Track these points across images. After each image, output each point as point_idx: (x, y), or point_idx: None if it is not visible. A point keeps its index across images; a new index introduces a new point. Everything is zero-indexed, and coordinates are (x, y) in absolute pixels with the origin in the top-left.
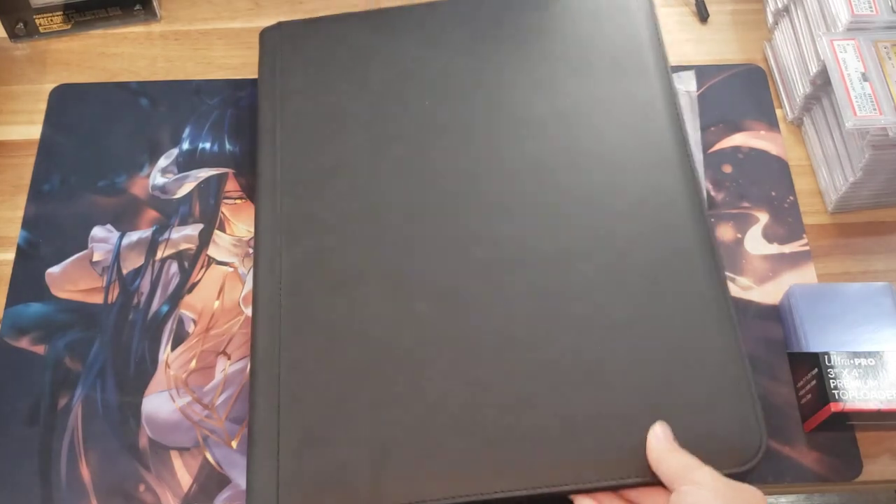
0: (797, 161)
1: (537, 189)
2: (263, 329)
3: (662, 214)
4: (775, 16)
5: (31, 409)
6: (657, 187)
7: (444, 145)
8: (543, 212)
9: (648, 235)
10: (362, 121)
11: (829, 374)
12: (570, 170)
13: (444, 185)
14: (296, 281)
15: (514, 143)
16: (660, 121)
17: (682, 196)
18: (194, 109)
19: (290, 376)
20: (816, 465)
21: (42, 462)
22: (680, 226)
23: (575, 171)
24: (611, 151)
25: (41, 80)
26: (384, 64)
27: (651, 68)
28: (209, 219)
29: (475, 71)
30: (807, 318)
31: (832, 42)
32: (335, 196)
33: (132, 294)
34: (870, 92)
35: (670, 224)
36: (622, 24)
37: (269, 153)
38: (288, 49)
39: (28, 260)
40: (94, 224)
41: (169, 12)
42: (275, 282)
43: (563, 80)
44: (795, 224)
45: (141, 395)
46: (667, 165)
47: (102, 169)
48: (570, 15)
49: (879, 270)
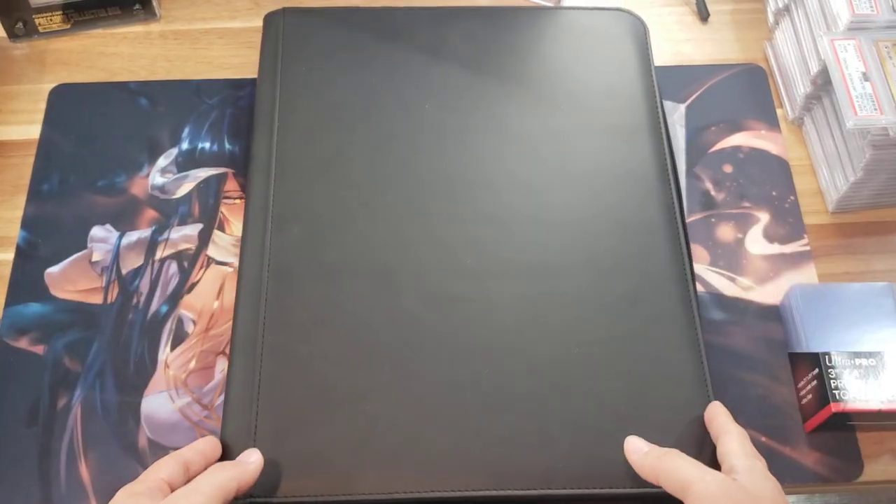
0: (798, 161)
1: (525, 203)
2: (246, 310)
3: (641, 238)
4: (776, 15)
5: (30, 409)
6: (638, 211)
7: (440, 151)
8: (530, 225)
9: (627, 257)
10: (361, 117)
11: (830, 375)
12: (558, 188)
13: (436, 189)
14: (283, 265)
15: (507, 157)
16: (644, 149)
17: (661, 222)
18: (193, 109)
19: (271, 360)
20: (817, 465)
21: (41, 462)
22: (657, 249)
23: (562, 190)
24: (597, 174)
25: (40, 79)
26: (387, 63)
27: (640, 96)
28: (208, 219)
29: (476, 83)
30: (807, 319)
31: (833, 42)
32: (329, 187)
33: (131, 294)
34: (870, 91)
35: (648, 247)
36: (617, 48)
37: (266, 135)
38: (291, 36)
39: (27, 260)
40: (94, 224)
41: (168, 12)
42: (261, 264)
43: (557, 101)
44: (796, 224)
45: (140, 396)
46: (648, 192)
47: (102, 169)
48: (569, 37)
49: (880, 270)
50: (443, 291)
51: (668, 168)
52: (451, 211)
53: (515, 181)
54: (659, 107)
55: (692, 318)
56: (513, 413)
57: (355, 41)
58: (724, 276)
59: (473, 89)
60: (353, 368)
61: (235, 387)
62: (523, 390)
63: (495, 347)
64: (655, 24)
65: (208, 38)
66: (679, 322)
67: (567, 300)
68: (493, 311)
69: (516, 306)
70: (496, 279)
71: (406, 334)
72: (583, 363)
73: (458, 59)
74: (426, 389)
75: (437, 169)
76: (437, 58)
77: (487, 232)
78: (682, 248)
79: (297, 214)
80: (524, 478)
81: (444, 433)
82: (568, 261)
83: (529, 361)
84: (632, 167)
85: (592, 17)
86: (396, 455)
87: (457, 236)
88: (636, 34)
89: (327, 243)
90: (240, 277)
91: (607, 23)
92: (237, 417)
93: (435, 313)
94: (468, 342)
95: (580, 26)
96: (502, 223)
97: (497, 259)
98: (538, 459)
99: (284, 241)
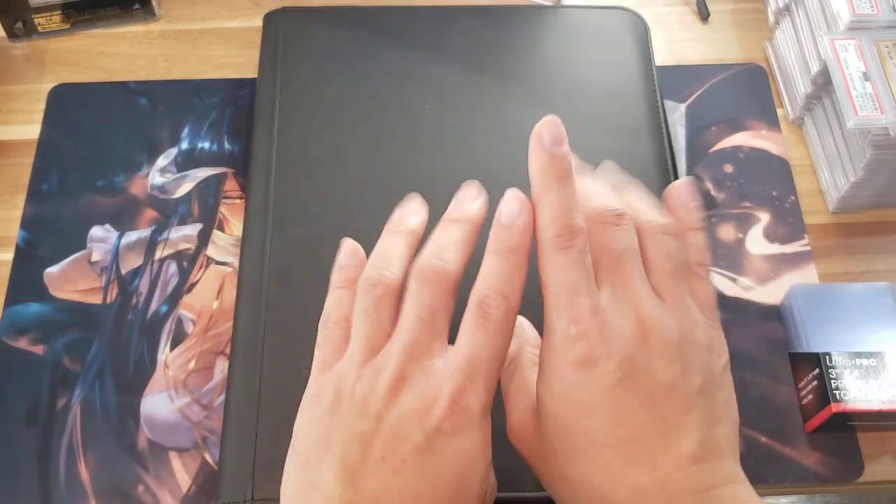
0: (798, 161)
1: None
2: (246, 311)
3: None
4: (776, 15)
5: (29, 409)
6: None
7: (440, 151)
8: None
9: None
10: (361, 116)
11: (831, 375)
12: None
13: (436, 189)
14: (283, 267)
15: (507, 157)
16: (644, 149)
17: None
18: (193, 109)
19: (272, 362)
20: (817, 465)
21: (40, 462)
22: None
23: None
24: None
25: (40, 79)
26: (387, 63)
27: (640, 95)
28: (208, 219)
29: (476, 82)
30: (808, 319)
31: (833, 41)
32: (329, 187)
33: (131, 294)
34: (871, 91)
35: None
36: (618, 47)
37: (266, 135)
38: (292, 35)
39: (26, 260)
40: (93, 224)
41: (168, 11)
42: (261, 267)
43: (557, 101)
44: (797, 224)
45: (140, 396)
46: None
47: (101, 169)
48: (570, 36)
49: (881, 270)
50: None
51: (669, 168)
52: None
53: (515, 181)
54: (660, 106)
55: None
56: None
57: (355, 40)
58: (725, 276)
59: (473, 88)
60: None
61: (236, 388)
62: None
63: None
64: (655, 24)
65: (208, 37)
66: None
67: None
68: None
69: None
70: None
71: None
72: None
73: (458, 58)
74: None
75: (437, 168)
76: (437, 57)
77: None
78: None
79: (297, 214)
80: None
81: None
82: None
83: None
84: (632, 166)
85: (593, 16)
86: None
87: None
88: (637, 33)
89: (327, 243)
90: (240, 278)
91: (608, 21)
92: (238, 419)
93: None
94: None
95: (580, 25)
96: None
97: None
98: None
99: (284, 241)
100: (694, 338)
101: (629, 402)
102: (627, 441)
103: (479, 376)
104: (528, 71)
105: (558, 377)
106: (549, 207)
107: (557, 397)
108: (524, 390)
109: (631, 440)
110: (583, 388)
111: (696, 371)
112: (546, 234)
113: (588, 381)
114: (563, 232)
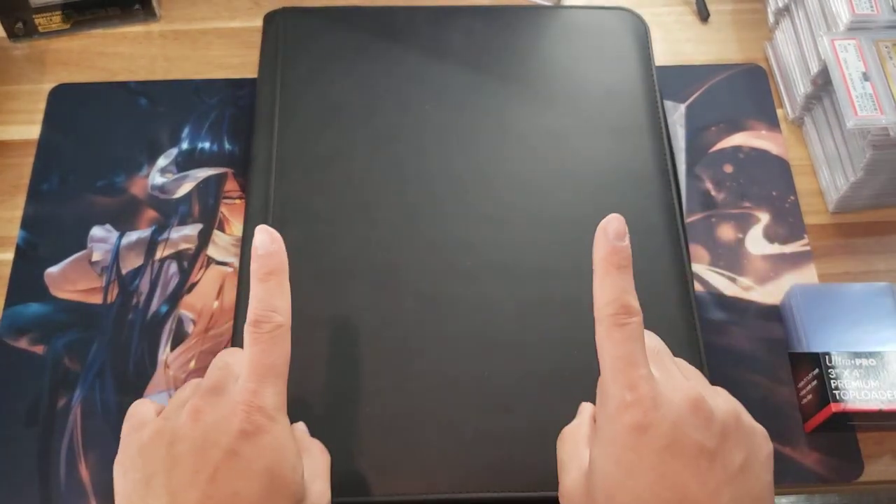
0: (798, 161)
1: (525, 203)
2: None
3: (641, 237)
4: (776, 15)
5: (29, 409)
6: (638, 211)
7: (441, 151)
8: (530, 225)
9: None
10: (362, 117)
11: (830, 375)
12: (558, 188)
13: (436, 190)
14: None
15: (507, 157)
16: (644, 149)
17: (660, 222)
18: (193, 109)
19: None
20: (817, 465)
21: (41, 463)
22: (657, 249)
23: (562, 190)
24: (596, 174)
25: (40, 79)
26: (387, 63)
27: (640, 95)
28: (208, 219)
29: (476, 82)
30: (808, 319)
31: (833, 41)
32: (329, 188)
33: (131, 294)
34: (871, 91)
35: (648, 247)
36: (617, 47)
37: (266, 135)
38: (291, 35)
39: (27, 260)
40: (93, 224)
41: (168, 12)
42: None
43: (557, 101)
44: (796, 224)
45: (140, 396)
46: (648, 192)
47: (101, 169)
48: (570, 36)
49: (880, 270)
50: (443, 292)
51: (669, 168)
52: (452, 211)
53: (515, 181)
54: (660, 106)
55: (692, 318)
56: (513, 414)
57: (355, 40)
58: (725, 276)
59: (474, 89)
60: (352, 369)
61: None
62: (523, 391)
63: (495, 348)
64: (655, 24)
65: (208, 37)
66: (679, 322)
67: (567, 300)
68: (493, 311)
69: (516, 307)
70: (496, 280)
71: (406, 336)
72: (583, 364)
73: (458, 58)
74: (426, 390)
75: (438, 169)
76: (438, 57)
77: (487, 232)
78: (682, 248)
79: (296, 214)
80: (524, 480)
81: (443, 434)
82: (568, 261)
83: (529, 362)
84: (632, 167)
85: (593, 16)
86: (395, 457)
87: (457, 237)
88: (637, 33)
89: (327, 243)
90: (240, 278)
91: (608, 21)
92: None
93: (435, 314)
94: (468, 343)
95: (581, 25)
96: (502, 223)
97: (497, 259)
98: (538, 461)
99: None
100: (741, 419)
101: (675, 467)
102: (671, 502)
103: (265, 380)
104: (529, 71)
105: (612, 439)
106: (609, 289)
107: (611, 458)
108: (577, 457)
109: (674, 501)
110: (634, 450)
111: (738, 449)
112: (605, 312)
113: (640, 443)
114: (621, 311)
